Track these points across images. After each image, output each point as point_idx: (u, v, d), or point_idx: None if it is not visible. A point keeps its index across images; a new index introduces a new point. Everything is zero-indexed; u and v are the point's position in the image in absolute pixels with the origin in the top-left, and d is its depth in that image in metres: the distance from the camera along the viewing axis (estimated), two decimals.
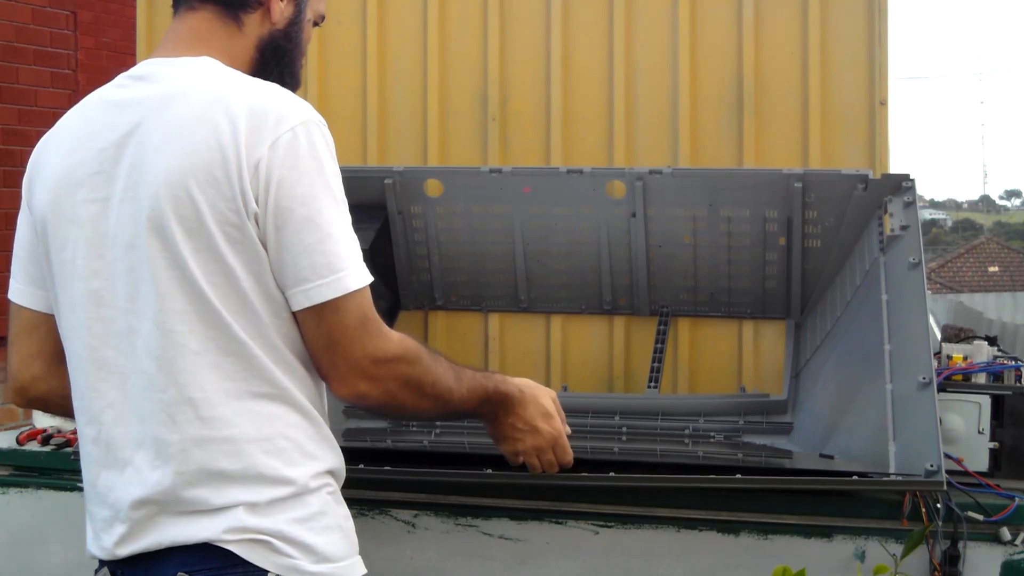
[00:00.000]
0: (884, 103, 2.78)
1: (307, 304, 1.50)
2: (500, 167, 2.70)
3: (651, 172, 2.58)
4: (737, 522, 2.05)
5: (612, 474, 2.04)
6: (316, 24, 1.79)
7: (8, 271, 1.72)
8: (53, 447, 2.43)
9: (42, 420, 2.56)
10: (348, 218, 1.54)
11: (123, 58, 6.21)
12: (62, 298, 1.61)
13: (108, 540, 1.55)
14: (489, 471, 2.08)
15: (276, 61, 1.69)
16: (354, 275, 1.51)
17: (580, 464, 1.89)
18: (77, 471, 2.33)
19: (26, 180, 1.70)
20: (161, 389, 1.51)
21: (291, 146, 1.49)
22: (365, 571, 1.62)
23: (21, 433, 2.50)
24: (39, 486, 2.38)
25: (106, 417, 1.56)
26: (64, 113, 1.69)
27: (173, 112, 1.51)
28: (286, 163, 1.48)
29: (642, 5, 2.92)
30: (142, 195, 1.51)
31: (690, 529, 2.06)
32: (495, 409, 1.76)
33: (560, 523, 2.11)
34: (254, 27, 1.67)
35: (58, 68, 5.94)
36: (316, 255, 1.49)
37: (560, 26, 2.94)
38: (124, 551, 1.53)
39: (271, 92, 1.55)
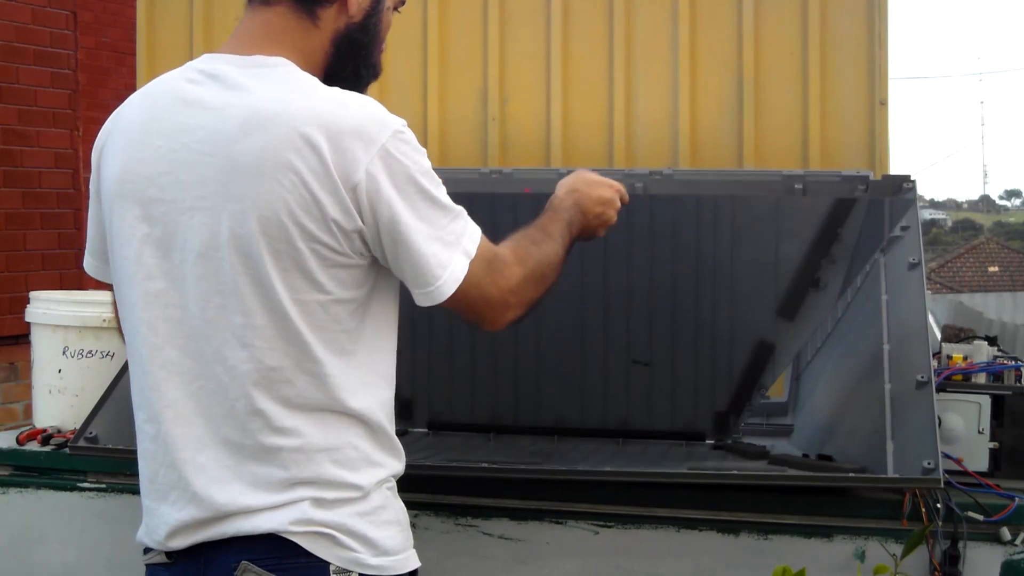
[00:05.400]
0: (884, 103, 2.78)
1: (427, 304, 1.56)
2: (500, 168, 2.70)
3: (651, 173, 2.58)
4: (737, 522, 2.05)
5: (608, 469, 2.05)
6: (396, 10, 1.76)
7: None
8: (53, 447, 2.43)
9: (42, 420, 2.56)
10: (444, 221, 1.55)
11: (123, 58, 6.21)
12: (125, 295, 1.61)
13: (161, 534, 1.57)
14: (485, 464, 2.09)
15: (352, 55, 1.67)
16: (448, 282, 1.54)
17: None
18: (77, 471, 2.35)
19: (94, 163, 1.68)
20: (233, 398, 1.53)
21: (386, 167, 1.50)
22: (419, 564, 1.64)
23: (21, 433, 2.49)
24: (39, 486, 2.38)
25: (166, 416, 1.56)
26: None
27: (260, 136, 1.49)
28: (382, 186, 1.50)
29: (642, 5, 2.92)
30: (225, 208, 1.50)
31: (690, 529, 2.06)
32: (577, 225, 1.84)
33: (560, 523, 2.11)
34: (330, 21, 1.64)
35: (58, 68, 5.94)
36: (413, 266, 1.54)
37: (560, 26, 2.95)
38: (182, 544, 1.55)
39: (355, 110, 1.53)
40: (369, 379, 1.58)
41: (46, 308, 2.56)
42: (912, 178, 2.42)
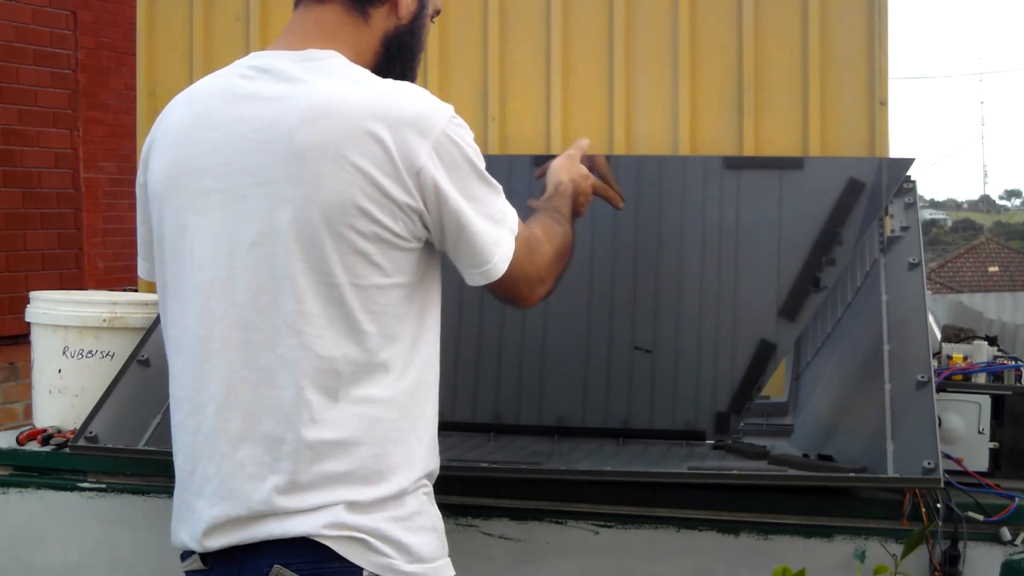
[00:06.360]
0: (884, 103, 2.78)
1: (482, 283, 1.62)
2: (506, 156, 2.70)
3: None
4: (737, 522, 2.05)
5: (609, 468, 2.06)
6: (432, 19, 1.80)
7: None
8: (53, 447, 2.43)
9: (42, 420, 2.56)
10: (493, 199, 1.62)
11: (123, 58, 6.22)
12: (174, 287, 1.61)
13: (198, 531, 1.56)
14: (485, 464, 2.09)
15: (400, 56, 1.71)
16: (501, 259, 1.60)
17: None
18: (77, 471, 2.35)
19: (140, 168, 1.70)
20: (280, 387, 1.52)
21: (445, 151, 1.55)
22: (454, 573, 1.63)
23: (21, 433, 2.49)
24: (39, 486, 2.38)
25: (208, 409, 1.56)
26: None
27: (323, 125, 1.51)
28: (442, 168, 1.54)
29: (642, 5, 2.92)
30: (283, 195, 1.51)
31: (690, 529, 2.06)
32: (574, 208, 1.97)
33: (560, 523, 2.11)
34: (380, 21, 1.68)
35: (58, 68, 5.95)
36: (471, 246, 1.59)
37: (560, 26, 2.95)
38: (217, 543, 1.54)
39: (412, 100, 1.57)
40: (415, 365, 1.59)
41: (46, 308, 2.56)
42: (912, 178, 2.42)
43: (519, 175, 2.67)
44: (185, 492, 1.61)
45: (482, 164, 1.61)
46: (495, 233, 1.60)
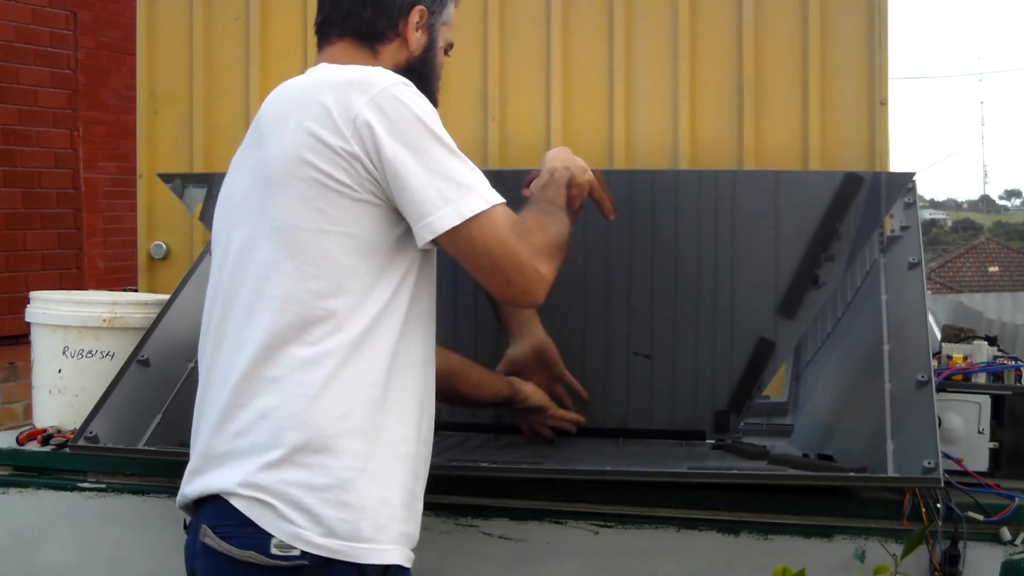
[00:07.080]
0: (884, 103, 2.78)
1: (428, 237, 1.61)
2: (500, 169, 2.70)
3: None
4: (737, 522, 2.05)
5: (609, 468, 2.05)
6: (446, 52, 1.90)
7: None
8: (53, 447, 2.43)
9: (42, 420, 2.56)
10: (454, 163, 1.63)
11: (123, 58, 6.21)
12: (212, 266, 1.78)
13: (183, 482, 1.68)
14: (485, 464, 2.10)
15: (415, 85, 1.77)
16: (450, 215, 1.60)
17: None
18: (77, 471, 2.35)
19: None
20: (240, 329, 1.64)
21: (387, 104, 1.61)
22: (399, 561, 1.63)
23: (21, 433, 2.49)
24: (39, 486, 2.38)
25: (203, 365, 1.71)
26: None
27: (287, 96, 1.70)
28: (381, 118, 1.60)
29: (642, 6, 2.92)
30: (250, 161, 1.70)
31: (690, 529, 2.06)
32: (567, 199, 1.95)
33: (560, 523, 2.11)
34: (390, 55, 1.81)
35: (58, 68, 5.94)
36: (411, 196, 1.61)
37: (560, 26, 2.95)
38: (190, 491, 1.65)
39: (364, 69, 1.69)
40: (362, 325, 1.61)
41: (46, 308, 2.56)
42: (913, 177, 2.42)
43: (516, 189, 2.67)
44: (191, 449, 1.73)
45: (440, 130, 1.64)
46: (448, 191, 1.61)
